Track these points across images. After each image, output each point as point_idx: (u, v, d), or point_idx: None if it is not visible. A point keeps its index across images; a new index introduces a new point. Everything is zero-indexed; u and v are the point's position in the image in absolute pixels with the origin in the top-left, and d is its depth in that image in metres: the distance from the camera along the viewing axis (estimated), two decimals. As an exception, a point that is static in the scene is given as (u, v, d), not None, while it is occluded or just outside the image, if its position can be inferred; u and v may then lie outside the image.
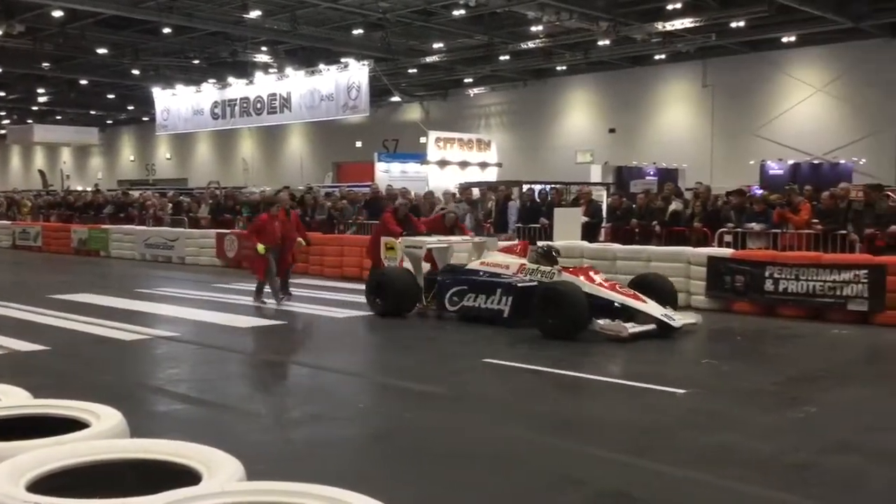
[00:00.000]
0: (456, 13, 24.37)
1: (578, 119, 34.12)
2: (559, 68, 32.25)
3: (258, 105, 29.67)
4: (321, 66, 27.58)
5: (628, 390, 7.42)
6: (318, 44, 28.36)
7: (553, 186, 19.74)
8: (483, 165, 29.20)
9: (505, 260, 11.23)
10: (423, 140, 29.61)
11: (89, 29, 27.21)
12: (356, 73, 26.13)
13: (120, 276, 18.09)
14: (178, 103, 32.83)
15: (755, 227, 13.21)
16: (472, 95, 36.73)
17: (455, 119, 35.80)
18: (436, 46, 28.73)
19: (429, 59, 29.91)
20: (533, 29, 26.15)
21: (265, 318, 11.47)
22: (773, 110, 28.47)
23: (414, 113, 38.93)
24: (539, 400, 7.10)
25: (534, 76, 34.02)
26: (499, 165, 30.21)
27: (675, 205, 15.00)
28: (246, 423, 6.39)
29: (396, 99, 36.31)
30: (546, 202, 17.02)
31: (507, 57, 29.91)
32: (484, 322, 10.57)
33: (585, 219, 15.35)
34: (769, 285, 11.52)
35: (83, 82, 37.26)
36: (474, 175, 27.40)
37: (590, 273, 10.40)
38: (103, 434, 2.96)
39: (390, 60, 29.41)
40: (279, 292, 12.61)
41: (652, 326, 9.55)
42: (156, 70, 33.77)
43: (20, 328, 10.40)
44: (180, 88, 32.68)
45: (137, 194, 28.02)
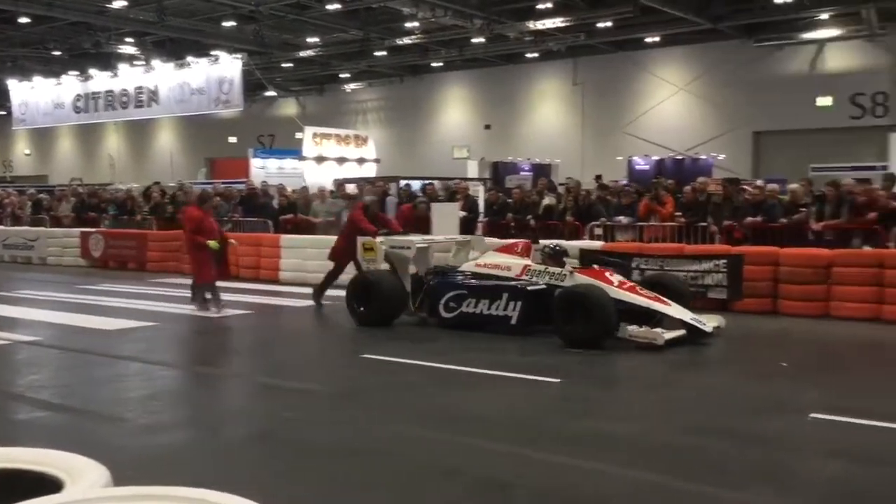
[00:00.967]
0: (330, 7, 24.17)
1: (455, 115, 34.49)
2: (435, 65, 32.49)
3: (124, 98, 28.46)
4: (191, 59, 26.75)
5: (506, 381, 7.57)
6: (187, 35, 27.53)
7: (429, 182, 19.85)
8: (361, 161, 29.10)
9: (505, 261, 10.21)
10: (300, 136, 29.24)
11: (-64, 16, 25.51)
12: (228, 67, 25.48)
13: (-25, 280, 17.02)
14: (37, 96, 31.09)
15: (623, 221, 13.73)
16: (349, 91, 36.52)
17: (332, 114, 35.49)
18: (310, 41, 28.40)
19: (303, 54, 29.55)
20: (408, 25, 26.28)
21: (134, 320, 11.03)
22: (640, 108, 29.64)
23: (290, 108, 38.36)
24: (419, 393, 7.16)
25: (410, 72, 34.13)
26: (377, 161, 30.17)
27: (549, 199, 15.40)
28: (113, 429, 6.15)
29: (271, 93, 35.69)
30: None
31: (384, 52, 29.90)
32: (489, 331, 9.60)
33: (463, 213, 15.53)
34: (636, 276, 11.98)
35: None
36: (352, 171, 27.28)
37: (605, 275, 9.46)
38: (-44, 445, 2.79)
39: (264, 54, 28.87)
40: (218, 299, 11.55)
41: (683, 332, 8.86)
42: (13, 62, 31.94)
43: None
44: (39, 81, 30.96)
45: (-7, 192, 26.42)
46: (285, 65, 32.05)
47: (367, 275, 10.56)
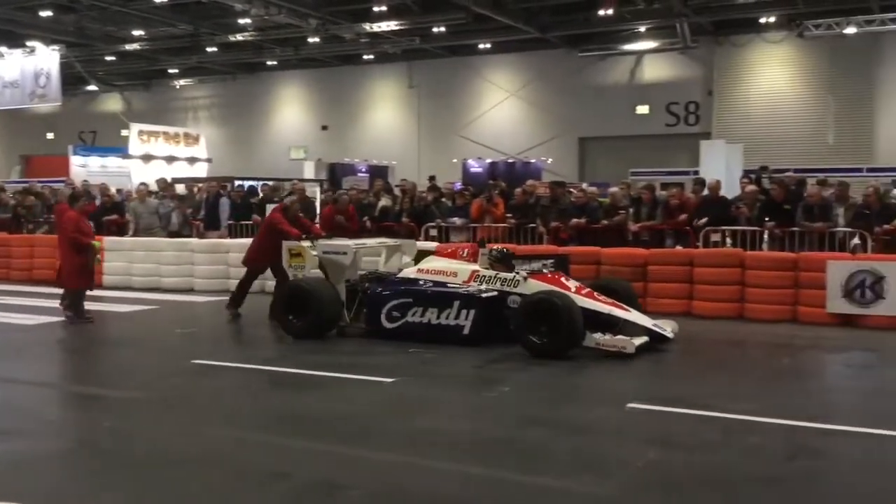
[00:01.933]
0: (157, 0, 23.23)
1: (291, 115, 34.01)
2: (270, 63, 31.89)
3: (-71, 90, 26.07)
4: (3, 50, 24.87)
5: (340, 382, 7.56)
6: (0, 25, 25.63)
7: (265, 182, 19.53)
8: (192, 161, 28.10)
9: (450, 266, 9.57)
10: (125, 133, 27.91)
11: None
12: (45, 59, 23.90)
13: None
14: None
15: (457, 222, 14.02)
16: (179, 87, 35.23)
17: (160, 111, 34.03)
18: (136, 33, 27.16)
19: (129, 47, 28.21)
20: (241, 21, 25.63)
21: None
22: (473, 112, 30.38)
23: (114, 104, 36.52)
24: (249, 398, 7.03)
25: (244, 70, 33.35)
26: (209, 161, 29.24)
27: (385, 201, 15.49)
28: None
29: (93, 88, 33.81)
30: (259, 198, 16.78)
31: (215, 49, 29.03)
32: (437, 342, 8.90)
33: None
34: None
35: None
36: (182, 171, 26.30)
37: (561, 280, 9.02)
38: None
39: (85, 46, 27.36)
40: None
41: (646, 338, 8.54)
42: None
43: None
44: None
45: None
46: (108, 58, 30.47)
47: (303, 283, 9.73)
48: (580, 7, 24.32)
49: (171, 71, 33.46)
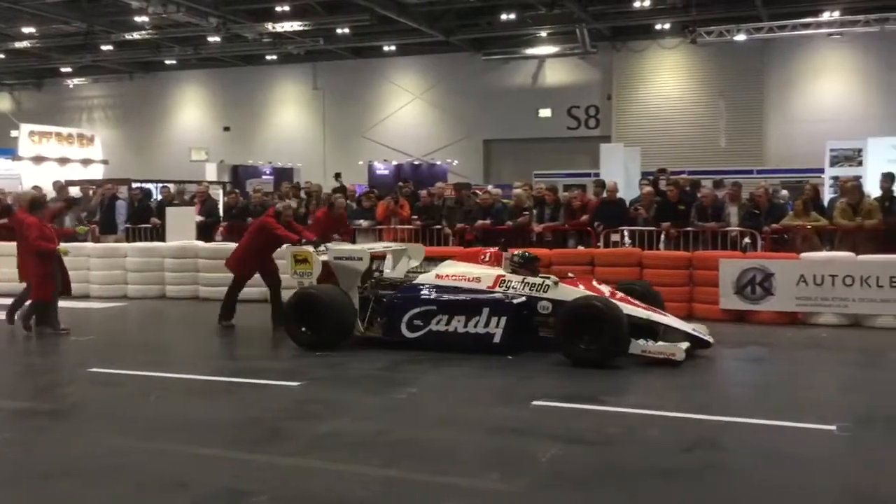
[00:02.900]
0: (48, -5, 22.35)
1: (192, 116, 33.24)
2: (169, 62, 31.10)
3: None
4: None
5: (243, 388, 7.44)
6: None
7: (165, 185, 19.04)
8: (86, 162, 27.19)
9: (472, 271, 8.98)
10: (15, 134, 26.75)
11: None
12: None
13: None
14: None
15: (363, 224, 13.99)
16: (72, 86, 33.96)
17: (53, 111, 32.74)
18: (26, 30, 26.02)
19: (19, 45, 27.00)
20: (138, 19, 24.87)
21: None
22: (379, 114, 30.35)
23: (3, 103, 35.00)
24: (148, 405, 6.83)
25: (142, 69, 32.43)
26: (104, 163, 28.32)
27: (291, 203, 15.28)
28: None
29: (-21, 87, 32.28)
30: (158, 201, 16.35)
31: (111, 47, 28.09)
32: (464, 352, 8.43)
33: (200, 218, 15.02)
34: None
35: None
36: (76, 173, 25.37)
37: (593, 284, 8.67)
38: None
39: (-31, 43, 26.07)
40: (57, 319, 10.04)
41: (688, 344, 8.12)
42: None
43: None
44: None
45: None
46: (-3, 55, 29.15)
47: (316, 291, 9.00)
48: (483, 11, 24.62)
49: (65, 70, 32.23)
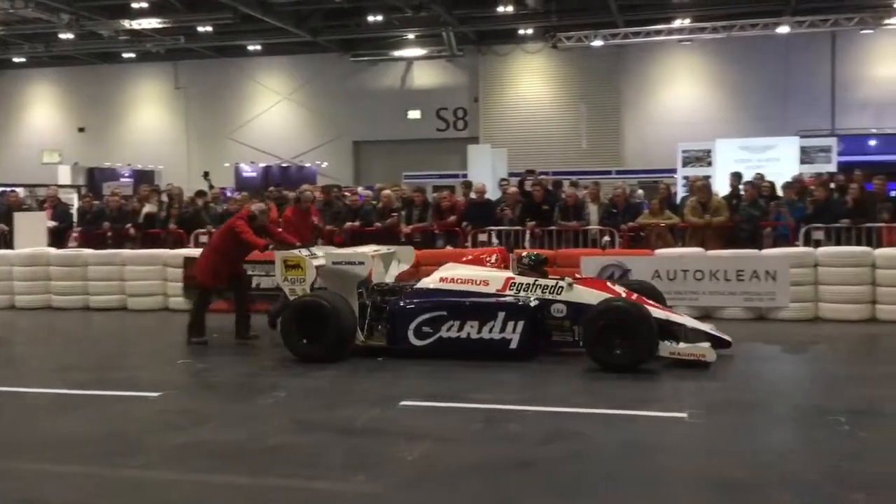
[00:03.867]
0: None
1: (43, 116, 31.54)
2: (18, 60, 29.40)
3: None
4: None
5: (100, 401, 7.13)
6: None
7: (12, 189, 17.99)
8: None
9: (479, 273, 8.58)
10: None
11: None
12: None
13: None
14: None
15: (228, 228, 13.65)
16: None
17: None
18: None
19: None
20: (-19, 14, 23.40)
21: None
22: (246, 115, 29.73)
23: None
24: (-4, 424, 6.46)
25: (-13, 67, 30.52)
26: (-56, 166, 26.46)
27: (150, 207, 14.77)
28: None
29: None
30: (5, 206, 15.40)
31: (-50, 42, 26.33)
32: (478, 359, 8.09)
33: (52, 223, 14.30)
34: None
35: None
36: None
37: (608, 285, 8.47)
38: None
39: None
40: None
41: (709, 343, 7.94)
42: None
43: None
44: None
45: None
46: None
47: (320, 299, 8.37)
48: (351, 12, 24.53)
49: None
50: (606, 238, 12.40)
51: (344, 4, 23.65)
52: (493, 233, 13.01)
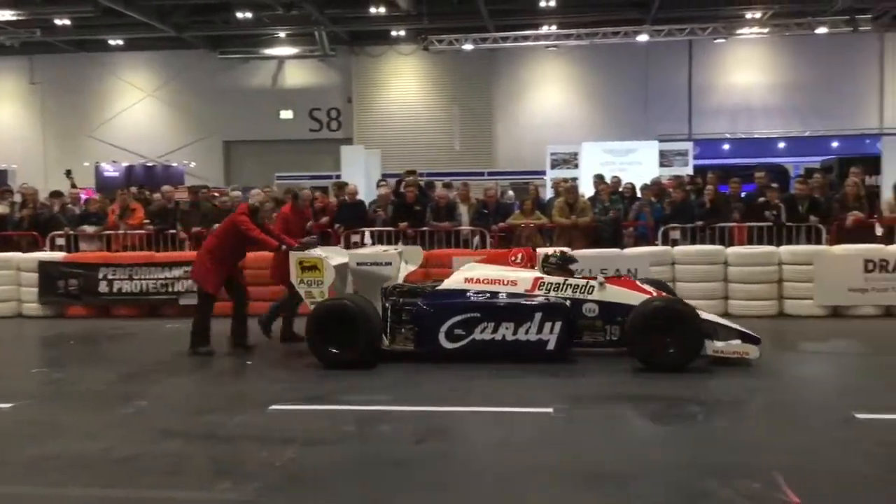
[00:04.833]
0: None
1: None
2: None
3: None
4: None
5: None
6: None
7: None
8: None
9: (506, 273, 8.34)
10: None
11: None
12: None
13: None
14: None
15: (88, 230, 13.08)
16: None
17: None
18: None
19: None
20: None
21: None
22: (107, 112, 28.52)
23: None
24: None
25: None
26: None
27: (2, 208, 13.94)
28: None
29: None
30: None
31: None
32: (514, 361, 7.85)
33: None
34: (104, 287, 11.73)
35: None
36: None
37: (637, 283, 8.37)
38: None
39: None
40: None
41: (739, 341, 7.88)
42: None
43: None
44: None
45: None
46: None
47: (347, 303, 7.98)
48: (218, 8, 23.92)
49: None
50: (477, 238, 12.59)
51: (211, 0, 23.05)
52: (367, 233, 13.00)
